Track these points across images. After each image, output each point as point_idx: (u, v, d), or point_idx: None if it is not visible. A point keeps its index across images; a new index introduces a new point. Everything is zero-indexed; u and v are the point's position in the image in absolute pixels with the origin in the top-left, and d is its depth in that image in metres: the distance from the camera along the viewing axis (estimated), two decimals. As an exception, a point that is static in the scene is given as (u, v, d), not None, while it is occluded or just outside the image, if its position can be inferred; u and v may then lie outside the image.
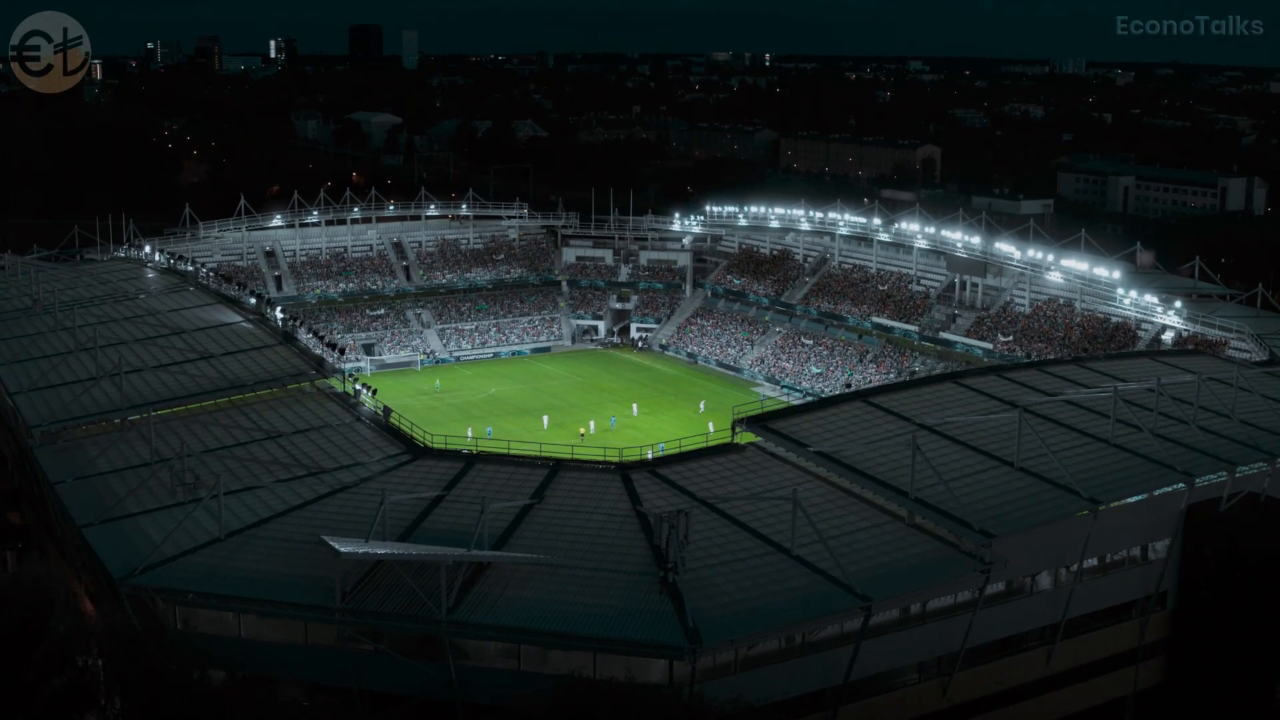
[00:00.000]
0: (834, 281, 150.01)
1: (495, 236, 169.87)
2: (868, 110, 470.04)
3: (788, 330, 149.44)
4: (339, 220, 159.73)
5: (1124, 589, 63.79)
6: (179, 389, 75.23)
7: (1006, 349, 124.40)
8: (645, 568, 54.72)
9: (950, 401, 71.49)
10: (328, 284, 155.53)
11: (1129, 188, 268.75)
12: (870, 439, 66.32)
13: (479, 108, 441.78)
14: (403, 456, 66.85)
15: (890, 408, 69.98)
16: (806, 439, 66.23)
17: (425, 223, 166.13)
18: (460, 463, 65.44)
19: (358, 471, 64.96)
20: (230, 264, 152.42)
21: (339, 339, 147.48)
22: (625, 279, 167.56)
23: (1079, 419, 69.82)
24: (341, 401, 75.08)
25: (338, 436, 69.55)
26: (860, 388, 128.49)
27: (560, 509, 60.31)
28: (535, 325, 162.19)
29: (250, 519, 60.15)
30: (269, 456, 67.46)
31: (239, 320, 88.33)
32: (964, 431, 66.86)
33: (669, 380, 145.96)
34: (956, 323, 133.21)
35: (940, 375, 74.86)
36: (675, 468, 64.95)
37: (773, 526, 58.49)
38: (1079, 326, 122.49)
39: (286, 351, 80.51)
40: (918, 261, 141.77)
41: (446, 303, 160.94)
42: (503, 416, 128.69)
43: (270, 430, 70.83)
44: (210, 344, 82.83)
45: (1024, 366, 77.58)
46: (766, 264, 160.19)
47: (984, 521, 57.27)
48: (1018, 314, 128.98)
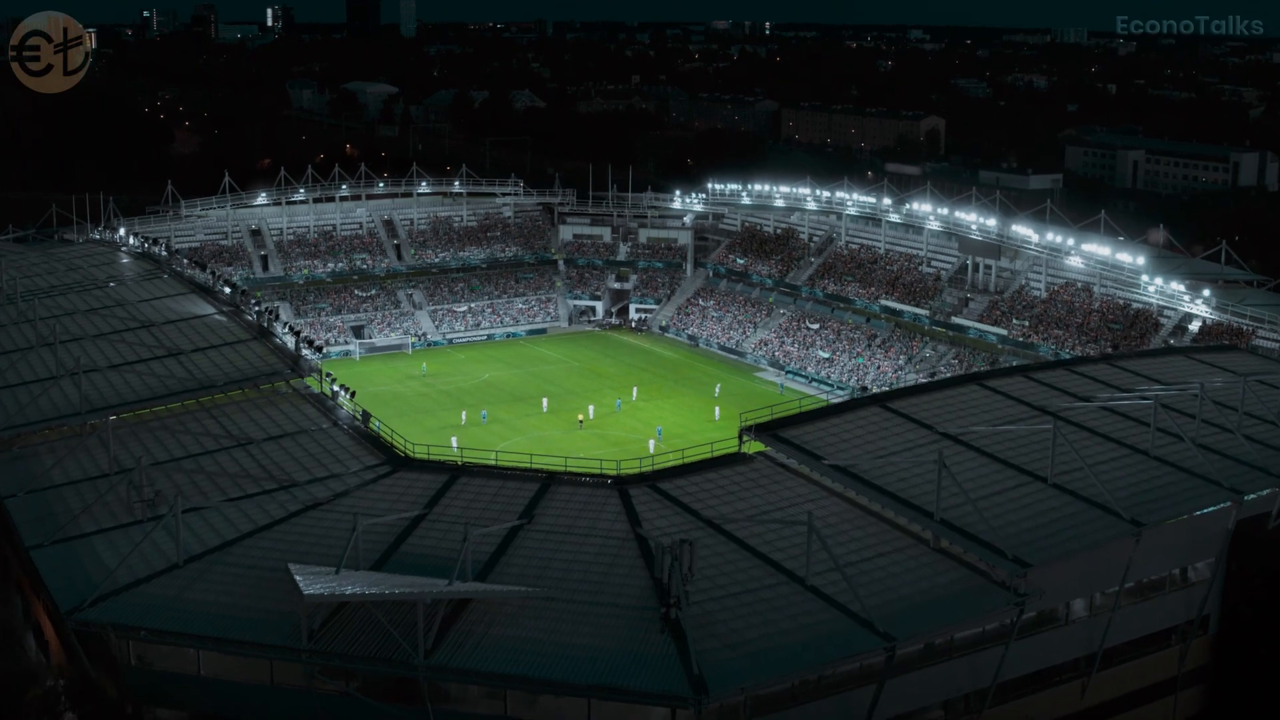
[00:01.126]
0: (840, 262, 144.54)
1: (489, 214, 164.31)
2: (869, 80, 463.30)
3: (792, 312, 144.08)
4: (327, 198, 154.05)
5: (1164, 614, 58.69)
6: (144, 390, 69.99)
7: (1021, 335, 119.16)
8: (645, 601, 49.62)
9: (974, 406, 66.24)
10: (315, 263, 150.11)
11: (1139, 162, 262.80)
12: (889, 449, 61.12)
13: (477, 77, 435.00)
14: (382, 468, 61.60)
15: (910, 414, 64.70)
16: (820, 450, 60.99)
17: (417, 200, 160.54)
18: (444, 476, 60.23)
19: (332, 485, 59.77)
20: (214, 243, 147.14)
21: (327, 320, 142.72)
22: (624, 258, 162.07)
23: (1115, 427, 64.64)
24: (318, 404, 69.75)
25: (312, 444, 64.33)
26: (869, 379, 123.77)
27: (552, 530, 55.16)
28: (531, 306, 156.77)
29: (213, 541, 55.02)
30: (237, 468, 62.28)
31: (212, 312, 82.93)
32: (991, 442, 61.63)
33: (670, 365, 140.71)
34: (969, 307, 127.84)
35: (963, 377, 69.60)
36: (677, 481, 59.76)
37: (785, 551, 53.36)
38: (1098, 313, 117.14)
39: (261, 348, 75.18)
40: (928, 242, 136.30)
41: (439, 283, 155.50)
42: (497, 404, 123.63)
43: (240, 436, 65.60)
44: (180, 339, 77.51)
45: (1051, 366, 72.36)
46: (770, 243, 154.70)
47: (1017, 548, 52.11)
48: (1033, 298, 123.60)
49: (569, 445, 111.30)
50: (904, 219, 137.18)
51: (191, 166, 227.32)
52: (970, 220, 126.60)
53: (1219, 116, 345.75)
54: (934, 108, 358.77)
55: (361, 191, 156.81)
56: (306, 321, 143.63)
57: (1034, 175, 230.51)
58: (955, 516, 54.41)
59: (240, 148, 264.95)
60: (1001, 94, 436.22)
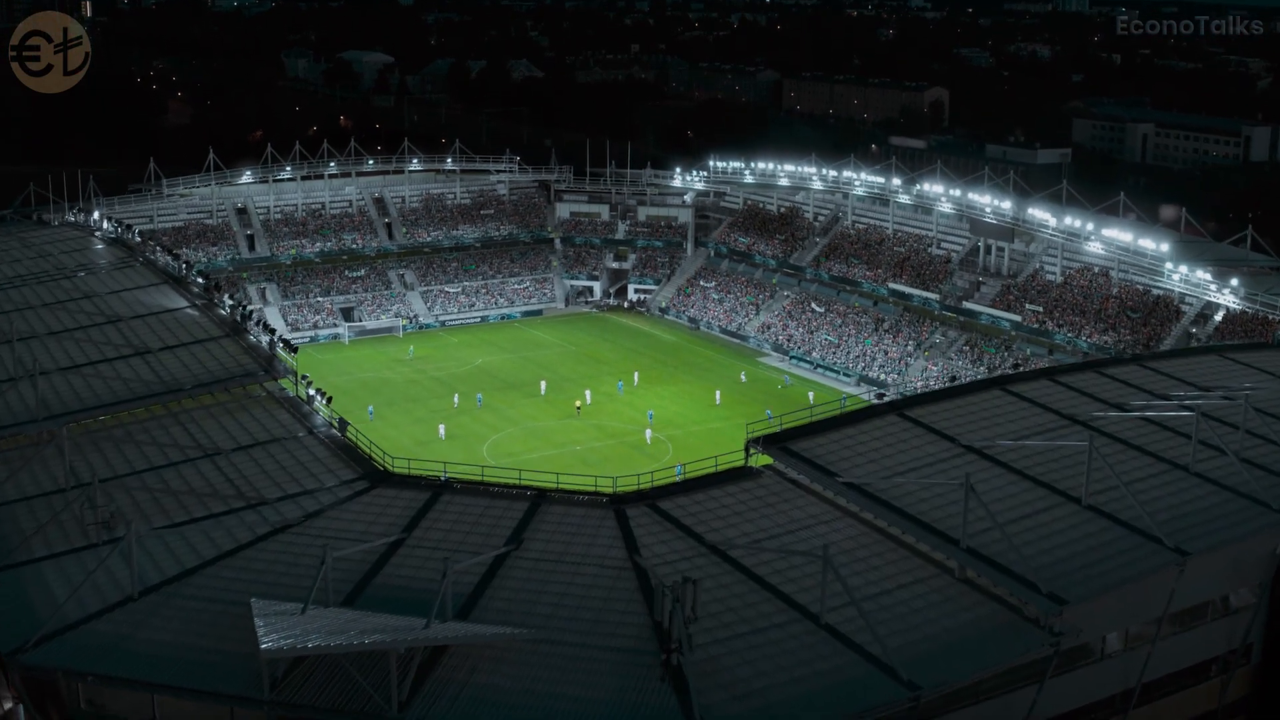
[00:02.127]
0: (847, 242, 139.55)
1: (484, 191, 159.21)
2: (871, 50, 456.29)
3: (796, 295, 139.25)
4: (315, 175, 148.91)
5: (1205, 645, 54.09)
6: (106, 394, 65.18)
7: (1035, 321, 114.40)
8: (643, 644, 44.97)
9: (999, 414, 61.47)
10: (303, 243, 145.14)
11: (1148, 135, 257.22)
12: (909, 465, 56.39)
13: (474, 46, 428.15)
14: (359, 484, 56.84)
15: (930, 423, 59.92)
16: (833, 464, 56.25)
17: (409, 177, 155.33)
18: (425, 494, 55.45)
19: (305, 504, 55.06)
20: (199, 222, 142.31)
21: (315, 301, 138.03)
22: (622, 236, 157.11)
23: (1151, 438, 59.91)
24: (292, 409, 64.94)
25: (285, 455, 59.60)
26: (876, 366, 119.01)
27: (542, 558, 50.46)
28: (526, 286, 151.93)
29: (172, 569, 50.37)
30: (203, 482, 57.57)
31: (184, 305, 78.04)
32: (1019, 456, 56.89)
33: (670, 349, 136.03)
34: (980, 291, 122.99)
35: (986, 381, 64.80)
36: (678, 500, 54.99)
37: (797, 583, 48.70)
38: (1116, 299, 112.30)
39: (233, 346, 70.33)
40: (938, 223, 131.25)
41: (431, 262, 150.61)
42: (490, 391, 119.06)
43: (208, 446, 60.86)
44: (149, 336, 72.66)
45: (1079, 369, 67.58)
46: (774, 222, 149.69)
47: (1052, 581, 47.46)
48: (1048, 283, 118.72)
49: (565, 436, 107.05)
50: (914, 200, 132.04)
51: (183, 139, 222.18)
52: (984, 202, 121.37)
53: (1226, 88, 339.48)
54: (937, 78, 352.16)
55: (351, 169, 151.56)
56: (294, 303, 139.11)
57: (1042, 149, 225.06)
58: (982, 543, 49.75)
59: (232, 120, 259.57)
60: (1005, 64, 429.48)
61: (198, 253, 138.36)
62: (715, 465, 57.92)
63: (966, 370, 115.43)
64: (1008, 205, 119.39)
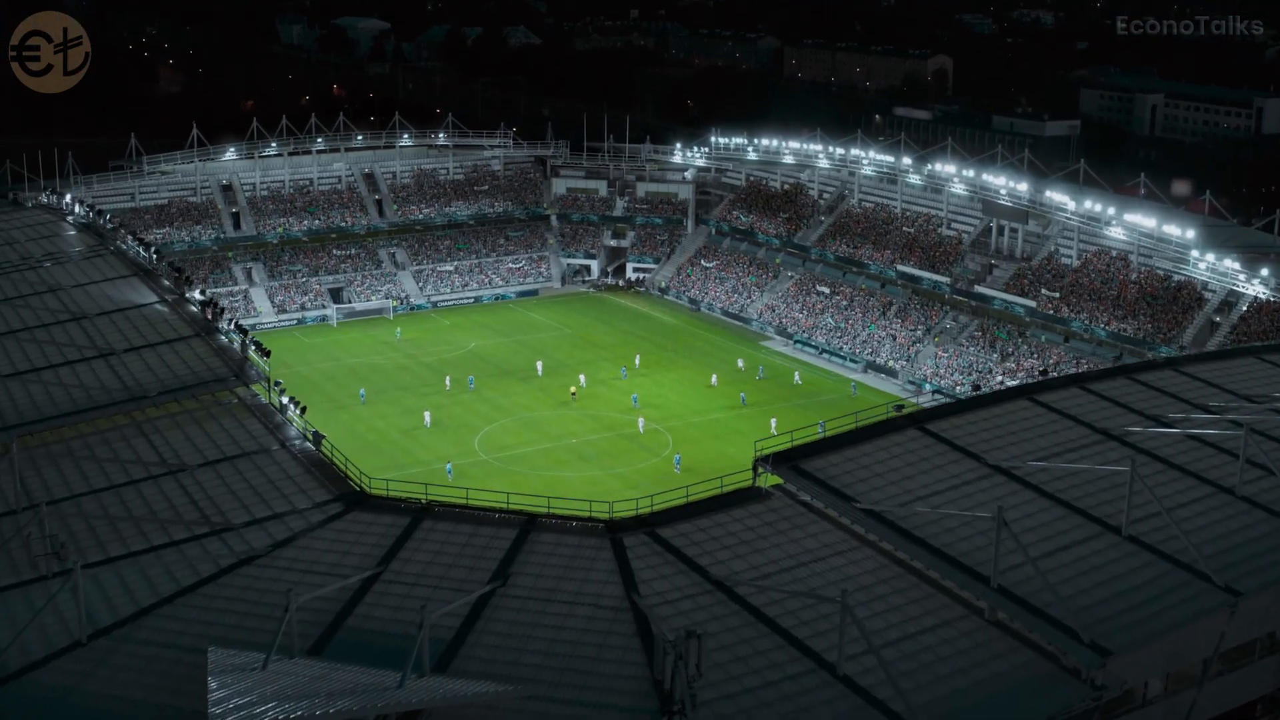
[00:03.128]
0: (853, 222, 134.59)
1: (477, 166, 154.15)
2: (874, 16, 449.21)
3: (801, 276, 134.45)
4: (303, 151, 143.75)
5: (1251, 685, 49.65)
6: (65, 401, 60.54)
7: (1051, 308, 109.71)
8: (642, 700, 40.56)
9: (1028, 428, 56.81)
10: (291, 221, 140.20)
11: (1157, 106, 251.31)
12: (932, 487, 51.77)
13: (471, 12, 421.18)
14: (333, 507, 52.19)
15: (954, 439, 55.26)
16: (849, 486, 51.64)
17: (399, 152, 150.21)
18: (405, 518, 50.82)
19: (273, 530, 50.48)
20: (183, 200, 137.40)
21: (303, 282, 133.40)
22: (621, 213, 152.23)
23: (1192, 456, 55.31)
24: (264, 419, 60.24)
25: (254, 472, 54.98)
26: (885, 352, 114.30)
27: (530, 596, 45.92)
28: (521, 265, 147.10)
29: (126, 607, 45.89)
30: (164, 504, 52.97)
31: (153, 301, 73.23)
32: (1050, 478, 52.31)
33: (670, 332, 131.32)
34: (993, 274, 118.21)
35: (1013, 391, 60.18)
36: (681, 527, 50.38)
37: (811, 626, 44.24)
38: (1135, 285, 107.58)
39: (203, 347, 65.56)
40: (949, 202, 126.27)
41: (423, 240, 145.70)
42: (483, 377, 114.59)
43: (172, 462, 56.24)
44: (114, 335, 67.92)
45: (1110, 375, 62.93)
46: (777, 199, 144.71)
47: (1094, 628, 43.00)
48: (1064, 267, 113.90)
49: (560, 427, 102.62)
50: (925, 181, 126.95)
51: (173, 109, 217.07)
52: (999, 184, 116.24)
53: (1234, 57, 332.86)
54: (940, 45, 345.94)
55: (340, 145, 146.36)
56: (281, 284, 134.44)
57: (1050, 121, 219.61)
58: (1015, 581, 45.26)
59: (224, 89, 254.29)
60: (1008, 30, 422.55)
61: (181, 231, 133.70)
62: (721, 486, 53.30)
63: (979, 358, 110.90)
64: (1024, 188, 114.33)
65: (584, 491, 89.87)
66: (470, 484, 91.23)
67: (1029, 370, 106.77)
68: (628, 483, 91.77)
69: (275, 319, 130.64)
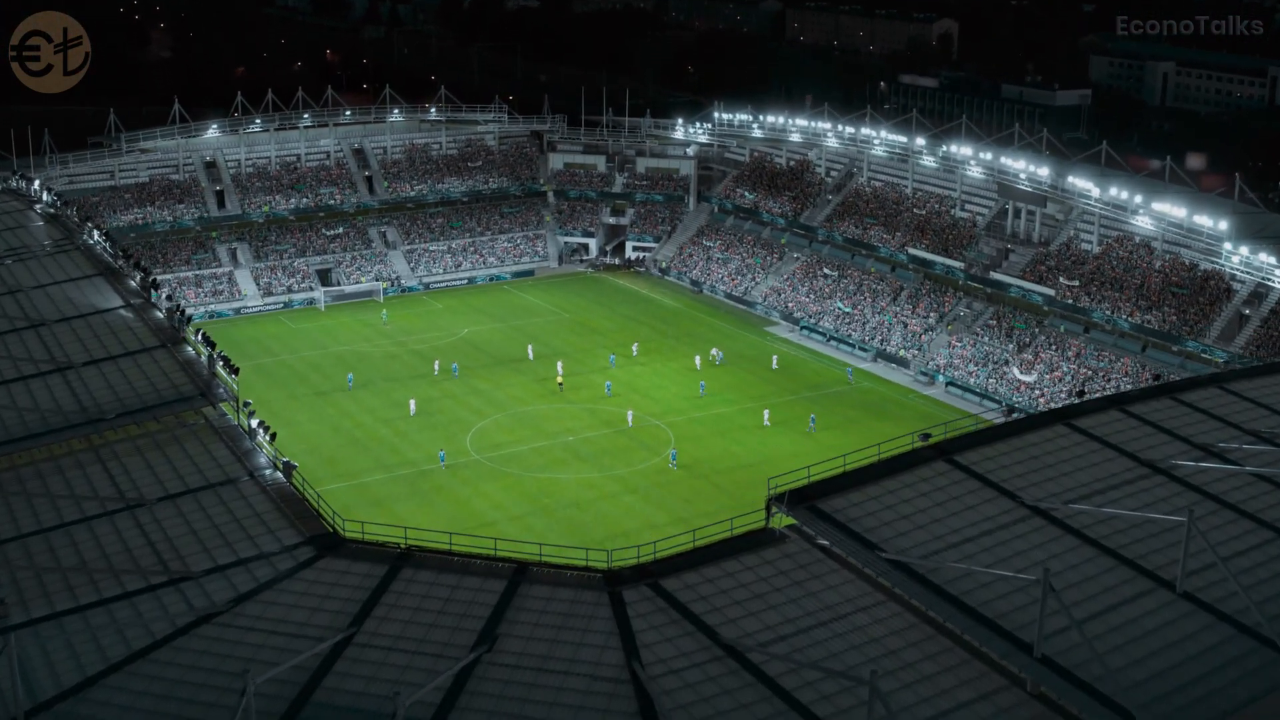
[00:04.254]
0: (862, 201, 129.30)
1: (471, 141, 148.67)
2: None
3: (807, 257, 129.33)
4: (290, 125, 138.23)
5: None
6: (16, 425, 55.41)
7: (1071, 296, 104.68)
8: (645, 795, 35.78)
9: (1066, 459, 51.80)
10: (277, 199, 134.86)
11: (1168, 74, 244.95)
12: (964, 531, 46.86)
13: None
14: (304, 551, 47.22)
15: (986, 473, 50.27)
16: (873, 530, 46.70)
17: (390, 125, 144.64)
18: (382, 566, 45.85)
19: (237, 579, 45.58)
20: (164, 178, 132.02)
21: (290, 263, 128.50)
22: (620, 189, 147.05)
23: (1248, 493, 50.38)
24: (231, 444, 55.13)
25: (218, 509, 50.02)
26: (895, 339, 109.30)
27: (519, 664, 41.10)
28: (517, 244, 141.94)
29: (69, 677, 41.09)
30: (119, 546, 48.09)
31: (118, 305, 67.95)
32: (1093, 520, 47.39)
33: (671, 316, 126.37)
34: (1009, 260, 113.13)
35: (1048, 415, 55.12)
36: (686, 578, 45.41)
37: (832, 701, 39.47)
38: (1159, 274, 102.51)
39: (168, 361, 60.43)
40: (962, 182, 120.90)
41: (415, 219, 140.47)
42: (475, 368, 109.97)
43: (130, 495, 51.29)
44: (73, 346, 62.81)
45: (1152, 395, 57.89)
46: (782, 177, 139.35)
47: (1151, 708, 38.26)
48: (1084, 253, 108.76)
49: (555, 423, 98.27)
50: (940, 164, 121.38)
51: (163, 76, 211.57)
52: (1018, 167, 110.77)
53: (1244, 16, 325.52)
54: (945, 9, 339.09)
55: (328, 120, 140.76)
56: (267, 265, 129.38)
57: (1061, 91, 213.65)
58: (1060, 650, 40.44)
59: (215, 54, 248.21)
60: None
61: (163, 211, 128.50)
62: (731, 529, 48.38)
63: (995, 348, 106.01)
64: (1045, 173, 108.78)
65: (580, 495, 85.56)
66: (462, 486, 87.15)
67: (1048, 362, 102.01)
68: (626, 485, 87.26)
69: (261, 303, 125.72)
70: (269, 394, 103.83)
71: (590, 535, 79.85)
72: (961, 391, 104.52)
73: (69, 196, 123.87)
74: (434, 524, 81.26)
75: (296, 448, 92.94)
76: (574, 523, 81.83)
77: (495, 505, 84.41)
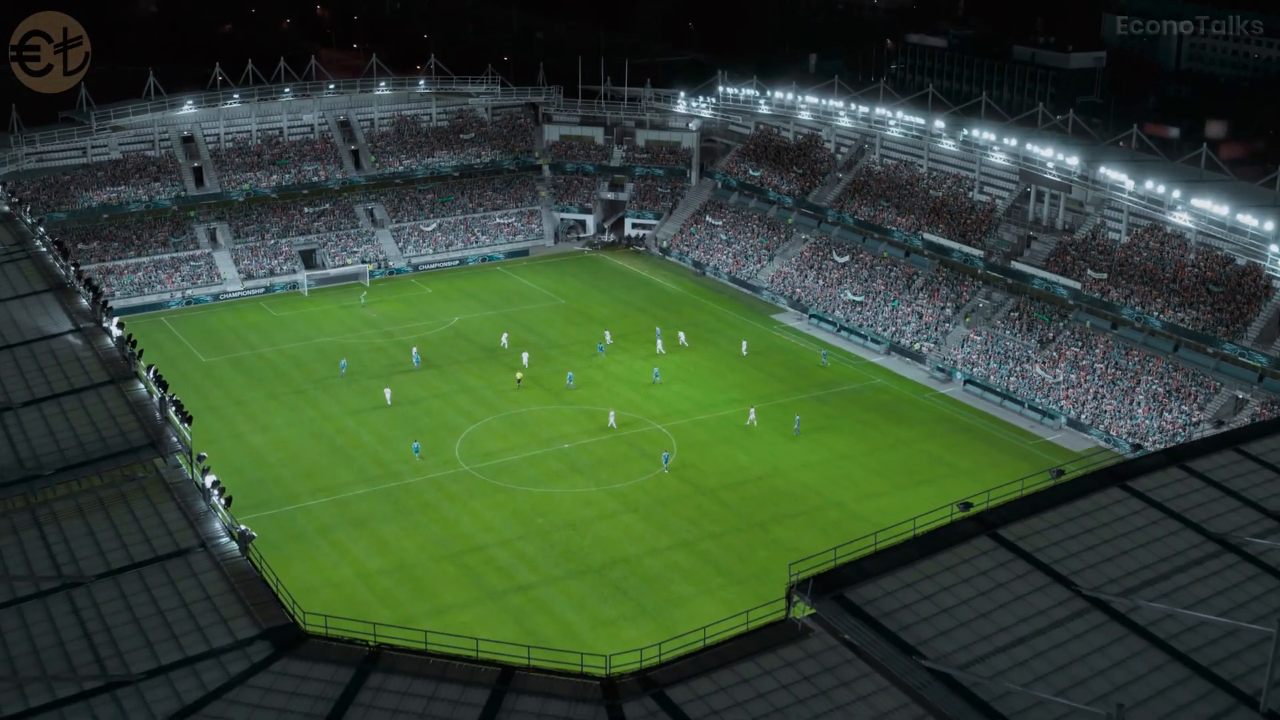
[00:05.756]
0: (874, 181, 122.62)
1: (463, 112, 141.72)
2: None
3: (816, 240, 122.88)
4: (270, 96, 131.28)
5: None
6: (-58, 482, 49.42)
7: (1098, 290, 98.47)
8: None
9: (1124, 532, 45.64)
10: (258, 175, 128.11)
11: (1184, 35, 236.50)
12: (1014, 631, 40.87)
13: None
14: (259, 647, 41.22)
15: (1036, 552, 44.18)
16: (908, 628, 40.74)
17: (377, 96, 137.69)
18: (349, 670, 39.94)
19: (181, 684, 39.63)
20: (139, 154, 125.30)
21: (271, 244, 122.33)
22: (619, 163, 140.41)
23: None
24: (183, 505, 48.87)
25: (166, 590, 43.98)
26: (910, 332, 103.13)
27: (506, 801, 35.31)
28: (511, 221, 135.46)
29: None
30: (50, 639, 42.10)
31: (66, 330, 61.39)
32: (1160, 615, 41.41)
33: (671, 301, 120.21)
34: (1031, 248, 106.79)
35: (1102, 475, 48.75)
36: (696, 686, 39.48)
37: None
38: (1193, 268, 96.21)
39: (117, 402, 54.09)
40: (980, 162, 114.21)
41: (403, 195, 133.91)
42: (466, 364, 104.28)
43: (67, 570, 45.22)
44: (13, 381, 56.34)
45: (1215, 448, 51.54)
46: (789, 152, 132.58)
47: None
48: (1111, 243, 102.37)
49: (550, 427, 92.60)
50: (960, 147, 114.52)
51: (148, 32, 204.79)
52: (1045, 155, 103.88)
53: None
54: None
55: (310, 92, 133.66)
56: (247, 246, 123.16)
57: (1075, 53, 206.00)
58: (1134, 789, 34.68)
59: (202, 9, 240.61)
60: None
61: (138, 189, 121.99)
62: (747, 622, 42.43)
63: (1015, 343, 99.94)
64: (1074, 162, 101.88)
65: (576, 513, 79.65)
66: (450, 503, 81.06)
67: (1071, 360, 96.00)
68: (625, 501, 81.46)
69: (241, 288, 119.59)
70: (247, 393, 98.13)
71: (588, 561, 74.40)
72: (980, 390, 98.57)
73: (38, 176, 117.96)
74: (419, 546, 75.94)
75: (274, 456, 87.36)
76: (569, 548, 76.11)
77: (485, 527, 78.60)
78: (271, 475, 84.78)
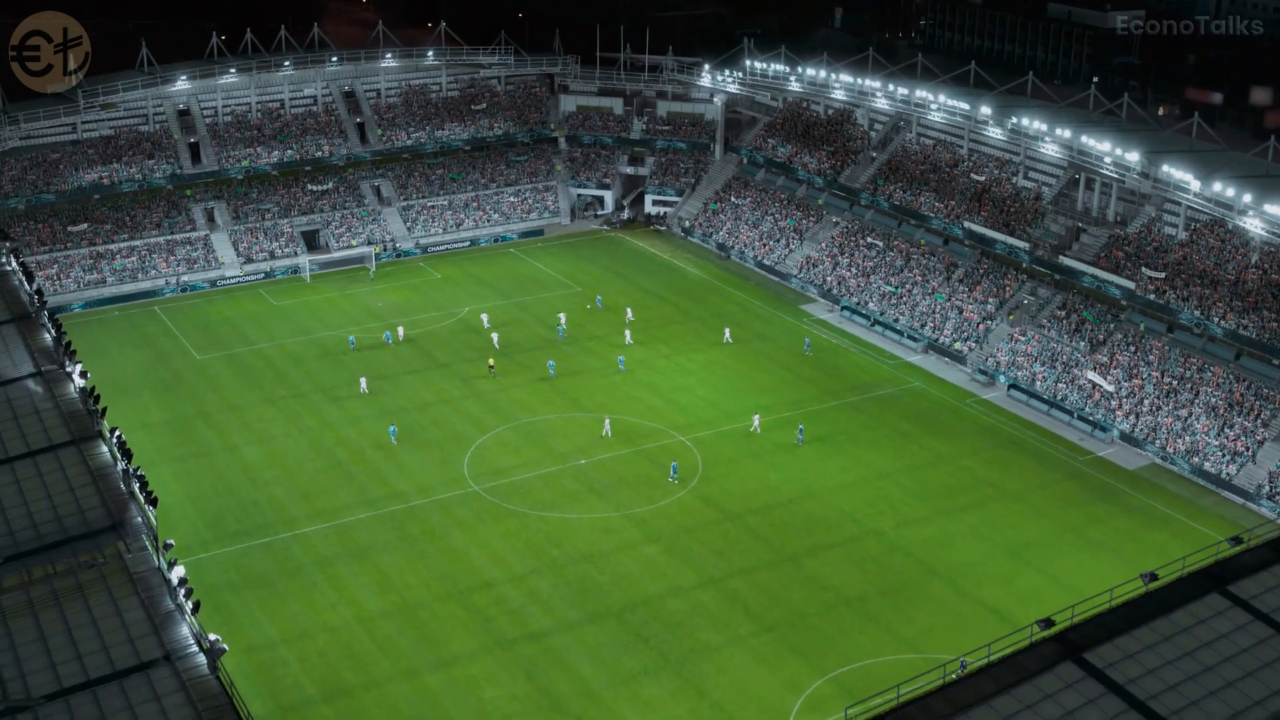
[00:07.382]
0: (910, 162, 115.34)
1: (474, 81, 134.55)
2: None
3: (848, 224, 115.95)
4: (270, 66, 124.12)
5: None
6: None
7: (1153, 291, 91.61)
8: None
9: (1229, 655, 39.08)
10: (258, 151, 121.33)
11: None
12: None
13: None
14: (226, 799, 35.27)
15: (1128, 684, 37.76)
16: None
17: (384, 66, 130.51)
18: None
19: None
20: (132, 129, 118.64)
21: (271, 225, 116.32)
22: (639, 135, 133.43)
23: None
24: (147, 604, 42.65)
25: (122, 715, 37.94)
26: (949, 329, 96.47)
27: None
28: (525, 198, 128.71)
29: None
30: (-16, 785, 36.18)
31: (26, 373, 54.72)
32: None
33: (694, 290, 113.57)
34: (1081, 241, 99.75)
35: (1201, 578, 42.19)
36: None
37: None
38: (1256, 269, 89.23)
39: (77, 469, 47.58)
40: (1025, 148, 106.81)
41: (411, 171, 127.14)
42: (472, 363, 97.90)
43: (12, 689, 39.15)
44: (-39, 438, 50.31)
45: (1327, 536, 45.45)
46: (820, 128, 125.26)
47: None
48: (1167, 239, 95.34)
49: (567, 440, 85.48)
50: (1008, 137, 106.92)
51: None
52: (1103, 150, 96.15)
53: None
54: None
55: (312, 62, 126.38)
56: (246, 227, 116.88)
57: (1112, 11, 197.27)
58: None
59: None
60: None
61: (130, 168, 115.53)
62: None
63: (1063, 345, 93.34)
64: (1134, 158, 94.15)
65: (594, 544, 73.57)
66: (458, 531, 74.68)
67: (1124, 366, 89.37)
68: (647, 531, 75.26)
69: (240, 273, 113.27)
70: (243, 396, 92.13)
71: (606, 602, 68.36)
72: (1026, 397, 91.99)
73: (25, 154, 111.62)
74: (424, 583, 69.89)
75: (270, 473, 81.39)
76: (586, 585, 70.03)
77: (495, 559, 72.51)
78: (266, 496, 78.83)
